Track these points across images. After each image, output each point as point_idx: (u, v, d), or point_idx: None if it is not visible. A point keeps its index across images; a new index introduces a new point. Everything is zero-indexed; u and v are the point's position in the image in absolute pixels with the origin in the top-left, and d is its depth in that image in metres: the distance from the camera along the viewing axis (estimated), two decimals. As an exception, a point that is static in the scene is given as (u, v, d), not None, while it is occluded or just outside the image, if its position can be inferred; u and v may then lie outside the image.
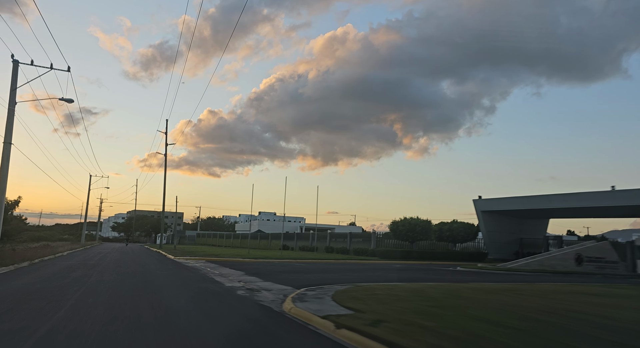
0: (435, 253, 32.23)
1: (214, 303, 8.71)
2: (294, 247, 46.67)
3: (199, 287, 11.35)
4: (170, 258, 26.54)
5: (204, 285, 11.80)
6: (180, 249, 41.13)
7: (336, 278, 15.40)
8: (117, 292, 9.71)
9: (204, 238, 79.39)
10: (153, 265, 20.18)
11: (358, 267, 22.83)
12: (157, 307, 8.00)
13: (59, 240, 59.36)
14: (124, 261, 22.10)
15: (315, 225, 41.86)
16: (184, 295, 9.74)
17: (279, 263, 24.25)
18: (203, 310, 7.80)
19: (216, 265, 21.17)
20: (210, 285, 12.01)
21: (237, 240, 63.73)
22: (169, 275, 14.91)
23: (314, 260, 27.38)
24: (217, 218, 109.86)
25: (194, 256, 28.07)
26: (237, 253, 33.55)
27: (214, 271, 17.07)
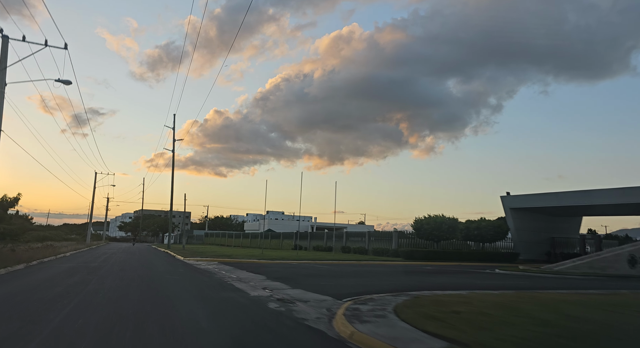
0: (462, 254, 29.96)
1: (245, 324, 6.60)
2: (307, 247, 44.58)
3: (219, 298, 9.26)
4: (179, 260, 24.55)
5: (224, 295, 9.71)
6: (189, 249, 39.19)
7: (375, 284, 13.26)
8: (118, 307, 7.64)
9: (212, 238, 77.55)
10: (162, 267, 18.16)
11: (388, 269, 20.67)
12: (172, 332, 5.89)
13: (64, 240, 57.72)
14: (130, 263, 20.11)
15: (333, 224, 39.68)
16: (204, 312, 7.64)
17: (298, 264, 22.16)
18: (234, 337, 5.70)
19: (231, 267, 19.12)
20: (232, 294, 9.91)
21: (247, 239, 61.78)
22: (180, 280, 12.85)
23: (335, 261, 25.26)
24: (225, 217, 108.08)
25: (205, 257, 26.06)
26: (249, 253, 31.51)
27: (231, 275, 15.00)
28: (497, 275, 18.65)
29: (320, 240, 43.46)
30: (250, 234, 61.76)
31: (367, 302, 8.41)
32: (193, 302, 8.69)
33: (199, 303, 8.60)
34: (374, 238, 35.09)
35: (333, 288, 11.75)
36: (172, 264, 20.42)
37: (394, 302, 8.21)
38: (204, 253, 31.28)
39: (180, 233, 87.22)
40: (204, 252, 32.37)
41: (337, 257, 28.32)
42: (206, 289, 10.82)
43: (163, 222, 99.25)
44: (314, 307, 8.40)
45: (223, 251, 35.43)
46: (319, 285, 12.25)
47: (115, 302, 8.19)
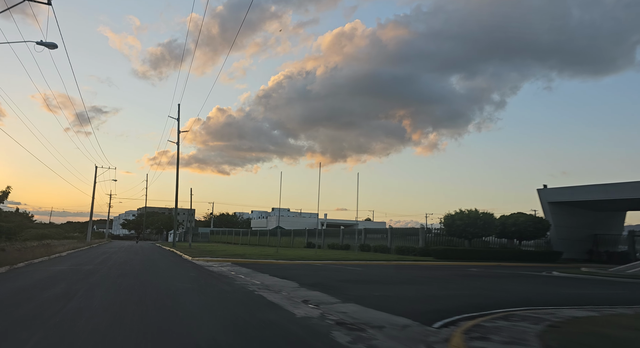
0: (499, 253, 27.06)
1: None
2: (321, 245, 41.80)
3: (257, 323, 6.43)
4: (188, 260, 21.81)
5: (262, 317, 6.89)
6: (196, 248, 36.47)
7: (444, 294, 10.48)
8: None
9: (218, 236, 74.93)
10: (169, 271, 15.39)
11: (434, 272, 17.86)
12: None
13: (65, 238, 55.15)
14: (131, 265, 17.35)
15: (343, 221, 36.83)
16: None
17: (323, 266, 19.37)
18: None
19: (248, 269, 16.34)
20: (271, 314, 7.11)
21: (255, 237, 59.10)
22: (195, 291, 10.05)
23: (362, 261, 22.44)
24: (230, 214, 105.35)
25: (215, 256, 23.29)
26: (263, 252, 28.74)
27: (253, 280, 12.22)
28: (571, 281, 15.75)
29: (334, 237, 40.66)
30: (258, 232, 59.04)
31: (481, 332, 5.56)
32: (222, 332, 5.87)
33: (232, 333, 5.78)
34: (397, 236, 32.25)
35: (398, 302, 8.94)
36: (180, 266, 17.65)
37: (529, 333, 5.37)
38: (214, 252, 28.54)
39: (185, 231, 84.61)
40: (213, 251, 29.64)
41: (361, 257, 25.50)
42: (232, 305, 8.01)
43: (167, 220, 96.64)
44: (399, 339, 5.59)
45: (233, 250, 32.68)
46: (374, 298, 9.45)
47: (103, 338, 5.35)
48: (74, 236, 60.28)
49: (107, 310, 6.97)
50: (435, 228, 31.30)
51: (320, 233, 42.44)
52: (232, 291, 10.01)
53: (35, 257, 20.19)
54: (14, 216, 68.11)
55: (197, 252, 28.81)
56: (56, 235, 54.03)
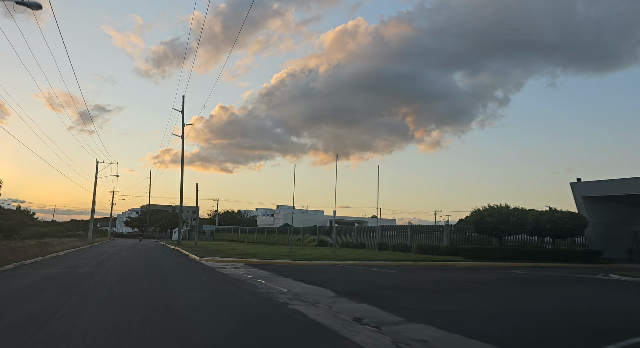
0: (535, 252, 24.84)
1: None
2: (333, 243, 39.73)
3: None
4: (195, 261, 19.79)
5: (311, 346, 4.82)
6: (203, 246, 34.47)
7: (521, 308, 8.40)
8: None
9: (223, 234, 73.04)
10: (177, 275, 13.35)
11: (477, 274, 15.76)
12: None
13: (66, 237, 53.35)
14: (133, 267, 15.33)
15: (352, 218, 34.75)
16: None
17: (348, 267, 17.30)
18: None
19: (267, 272, 14.30)
20: (324, 344, 5.03)
21: (262, 235, 57.11)
22: (212, 303, 7.97)
23: (388, 261, 20.33)
24: (235, 212, 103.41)
25: (225, 256, 21.25)
26: (275, 251, 26.68)
27: (278, 287, 10.17)
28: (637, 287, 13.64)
29: (348, 235, 38.57)
30: (265, 229, 57.03)
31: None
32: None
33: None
34: (418, 234, 30.12)
35: (480, 321, 6.85)
36: (188, 268, 15.60)
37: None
38: (222, 251, 26.51)
39: (189, 229, 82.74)
40: (222, 250, 27.61)
41: (384, 257, 23.39)
42: (267, 328, 5.92)
43: (171, 217, 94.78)
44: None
45: (242, 249, 30.64)
46: (444, 314, 7.36)
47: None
48: (76, 234, 58.48)
49: (96, 339, 4.90)
50: (451, 226, 29.18)
51: (332, 231, 40.35)
52: (258, 304, 7.93)
53: (27, 257, 18.23)
54: (15, 214, 66.52)
55: (204, 251, 26.79)
56: (57, 234, 52.23)
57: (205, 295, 8.74)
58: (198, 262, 19.00)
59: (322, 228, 43.53)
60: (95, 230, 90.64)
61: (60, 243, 35.14)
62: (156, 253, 25.82)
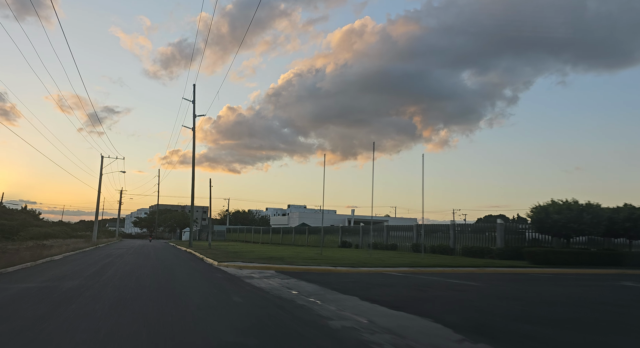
0: (615, 256, 21.10)
1: None
2: (358, 244, 36.22)
3: None
4: (214, 267, 16.41)
5: None
6: (217, 248, 31.13)
7: None
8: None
9: (235, 234, 69.76)
10: (197, 292, 9.90)
11: (587, 289, 12.16)
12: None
13: (72, 237, 50.39)
14: (139, 277, 11.94)
15: (371, 217, 31.10)
16: None
17: (411, 277, 13.80)
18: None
19: (312, 285, 10.84)
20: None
21: (277, 235, 53.71)
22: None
23: (448, 268, 16.71)
24: (246, 211, 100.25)
25: (247, 261, 17.82)
26: (303, 254, 23.22)
27: (352, 316, 6.69)
28: None
29: (376, 235, 34.98)
30: (281, 229, 53.57)
31: None
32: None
33: None
34: (463, 234, 26.46)
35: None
36: (210, 280, 12.15)
37: None
38: (241, 254, 23.10)
39: (199, 229, 79.64)
40: (240, 253, 24.21)
41: (437, 262, 19.79)
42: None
43: (180, 217, 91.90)
44: None
45: (263, 251, 27.22)
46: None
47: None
48: (82, 235, 55.52)
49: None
50: (504, 224, 25.53)
51: (358, 230, 36.79)
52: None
53: (12, 263, 14.95)
54: (19, 214, 63.69)
55: (220, 254, 23.42)
56: (62, 234, 49.30)
57: (256, 340, 5.23)
58: (218, 269, 15.60)
59: (345, 228, 40.01)
60: (104, 230, 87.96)
61: (62, 245, 32.05)
62: (167, 257, 22.50)
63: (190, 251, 28.99)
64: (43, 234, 44.26)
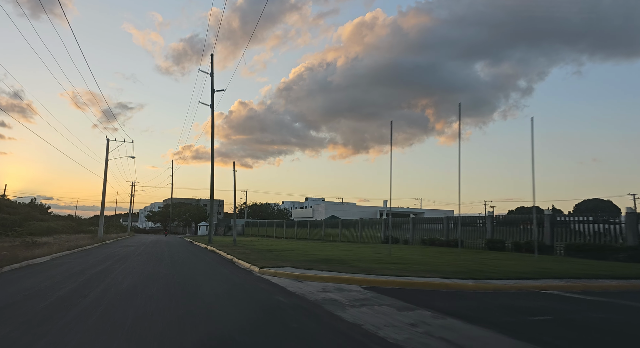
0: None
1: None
2: (408, 240, 30.63)
3: None
4: (255, 276, 10.96)
5: None
6: (244, 245, 25.78)
7: None
8: None
9: (254, 228, 64.62)
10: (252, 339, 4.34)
11: None
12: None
13: (79, 233, 45.67)
14: (138, 308, 6.47)
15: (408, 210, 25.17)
16: None
17: (586, 303, 8.24)
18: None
19: (483, 330, 5.26)
20: None
21: (304, 229, 48.33)
22: None
23: (596, 281, 11.06)
24: (264, 204, 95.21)
25: (296, 265, 12.29)
26: (364, 254, 17.69)
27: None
28: None
29: (433, 230, 29.27)
30: (308, 222, 48.11)
31: None
32: None
33: None
34: (565, 226, 20.54)
35: None
36: (270, 311, 6.60)
37: None
38: (279, 253, 17.66)
39: (216, 223, 74.65)
40: (277, 251, 18.77)
41: (566, 269, 14.08)
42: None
43: (195, 210, 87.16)
44: None
45: (304, 248, 21.72)
46: None
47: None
48: (90, 230, 50.81)
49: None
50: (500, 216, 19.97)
51: (408, 224, 31.09)
52: None
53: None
54: (23, 208, 59.12)
55: (253, 253, 18.00)
56: (67, 229, 44.51)
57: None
58: (262, 280, 10.18)
59: (389, 221, 34.33)
60: (116, 225, 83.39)
61: (60, 242, 27.05)
62: (186, 260, 17.16)
63: (212, 249, 23.67)
64: (45, 229, 39.48)
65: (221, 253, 19.84)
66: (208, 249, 24.86)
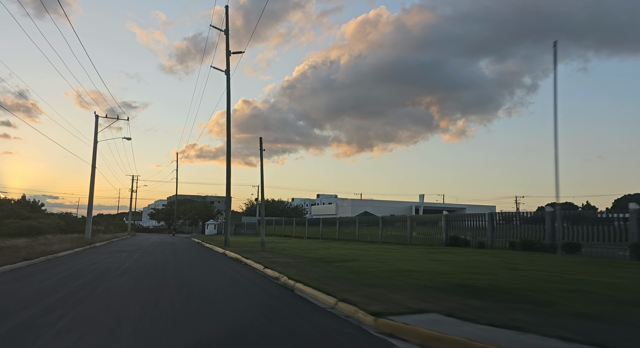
0: None
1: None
2: (484, 242, 23.59)
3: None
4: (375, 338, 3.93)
5: None
6: (278, 250, 18.78)
7: None
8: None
9: (269, 227, 57.66)
10: None
11: None
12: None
13: (69, 232, 39.01)
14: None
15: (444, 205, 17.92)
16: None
17: None
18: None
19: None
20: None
21: (331, 227, 41.33)
22: None
23: None
24: (277, 201, 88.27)
25: (418, 296, 5.37)
26: (495, 270, 10.67)
27: None
28: None
29: (528, 229, 22.15)
30: (337, 220, 40.96)
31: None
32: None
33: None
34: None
35: None
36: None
37: None
38: (346, 267, 10.68)
39: (225, 221, 67.86)
40: (338, 263, 11.81)
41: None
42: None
43: (202, 208, 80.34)
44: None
45: (361, 254, 14.65)
46: None
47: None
48: (83, 229, 44.07)
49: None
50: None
51: (482, 220, 23.99)
52: None
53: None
54: (6, 204, 52.70)
55: (309, 265, 11.00)
56: (53, 229, 37.69)
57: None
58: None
59: (453, 217, 27.20)
60: (117, 224, 76.68)
61: (36, 245, 20.36)
62: (204, 282, 10.16)
63: (235, 257, 16.65)
64: (25, 229, 32.79)
65: (254, 266, 12.87)
66: (228, 256, 17.91)
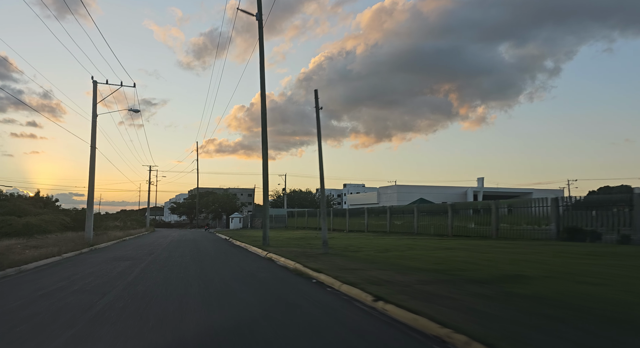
0: None
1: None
2: (631, 236, 16.81)
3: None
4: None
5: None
6: (346, 255, 12.50)
7: None
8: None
9: (301, 219, 51.62)
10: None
11: None
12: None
13: (75, 230, 33.75)
14: None
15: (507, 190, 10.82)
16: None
17: None
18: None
19: None
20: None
21: (379, 218, 34.97)
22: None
23: None
24: (304, 191, 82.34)
25: None
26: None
27: None
28: None
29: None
30: (388, 210, 34.41)
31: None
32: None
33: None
34: None
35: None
36: None
37: None
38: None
39: (252, 214, 62.06)
40: (476, 276, 5.55)
41: None
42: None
43: (226, 200, 74.86)
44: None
45: (506, 262, 8.28)
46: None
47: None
48: (96, 226, 38.80)
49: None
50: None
51: (618, 207, 17.30)
52: None
53: None
54: (16, 200, 48.07)
55: (485, 309, 4.67)
56: (57, 227, 32.48)
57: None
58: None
59: (569, 201, 20.41)
60: (135, 219, 71.69)
61: (21, 249, 14.73)
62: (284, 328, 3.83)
63: (289, 265, 10.35)
64: (21, 227, 27.44)
65: (351, 294, 6.56)
66: (277, 263, 11.65)
